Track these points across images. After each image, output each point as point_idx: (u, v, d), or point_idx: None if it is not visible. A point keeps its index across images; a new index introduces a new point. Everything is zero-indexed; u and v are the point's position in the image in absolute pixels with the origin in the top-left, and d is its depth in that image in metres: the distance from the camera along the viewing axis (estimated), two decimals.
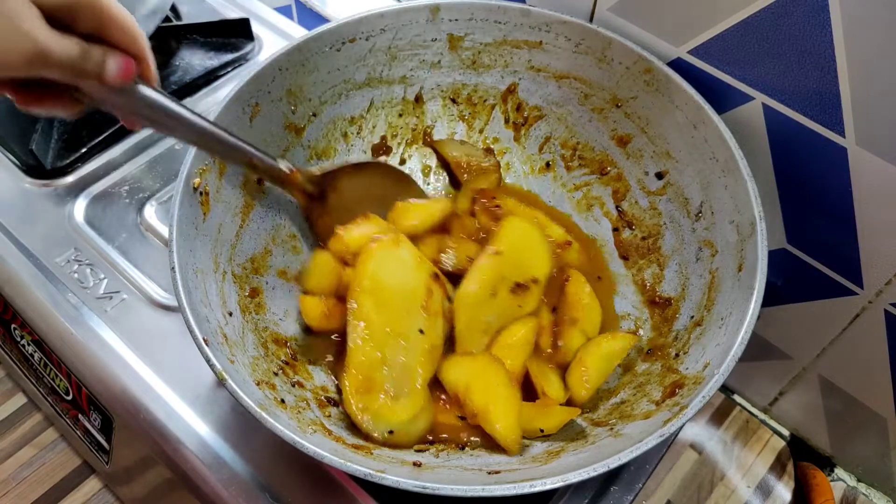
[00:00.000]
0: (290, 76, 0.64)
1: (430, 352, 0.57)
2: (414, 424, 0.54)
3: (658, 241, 0.65)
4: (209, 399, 0.62)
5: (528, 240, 0.62)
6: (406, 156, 0.74)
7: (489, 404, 0.54)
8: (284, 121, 0.65)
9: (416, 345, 0.56)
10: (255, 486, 0.57)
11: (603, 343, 0.60)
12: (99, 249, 0.71)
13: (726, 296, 0.54)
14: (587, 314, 0.62)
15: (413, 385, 0.55)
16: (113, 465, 0.70)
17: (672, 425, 0.45)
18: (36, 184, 0.77)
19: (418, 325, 0.57)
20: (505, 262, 0.60)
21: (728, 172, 0.56)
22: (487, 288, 0.59)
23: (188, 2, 0.96)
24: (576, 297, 0.63)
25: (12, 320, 0.72)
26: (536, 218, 0.68)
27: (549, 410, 0.56)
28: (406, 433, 0.54)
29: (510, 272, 0.60)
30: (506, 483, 0.43)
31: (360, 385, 0.54)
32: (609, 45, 0.63)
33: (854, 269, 0.58)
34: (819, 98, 0.52)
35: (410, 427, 0.54)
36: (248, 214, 0.62)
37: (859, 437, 0.68)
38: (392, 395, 0.54)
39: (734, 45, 0.56)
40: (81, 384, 0.66)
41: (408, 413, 0.54)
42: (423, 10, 0.66)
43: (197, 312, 0.50)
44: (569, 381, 0.59)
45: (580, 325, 0.61)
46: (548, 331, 0.62)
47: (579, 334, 0.61)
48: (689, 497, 0.68)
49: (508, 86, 0.71)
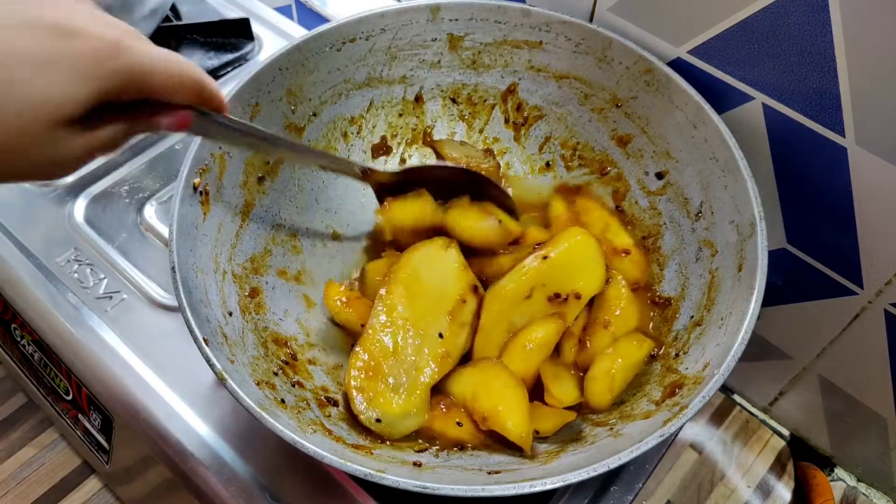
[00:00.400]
0: (290, 76, 0.64)
1: (442, 358, 0.57)
2: (403, 421, 0.54)
3: (658, 241, 0.65)
4: (209, 399, 0.62)
5: (584, 253, 0.60)
6: (406, 156, 0.74)
7: (497, 405, 0.54)
8: (284, 121, 0.65)
9: (431, 347, 0.56)
10: (255, 486, 0.57)
11: (631, 352, 0.57)
12: (99, 249, 0.71)
13: (726, 296, 0.54)
14: (622, 319, 0.60)
15: (415, 383, 0.55)
16: (113, 465, 0.70)
17: (672, 425, 0.45)
18: (36, 184, 0.77)
19: (440, 329, 0.57)
20: (551, 268, 0.59)
21: (728, 172, 0.56)
22: (524, 289, 0.59)
23: (188, 2, 0.96)
24: (615, 301, 0.61)
25: (12, 320, 0.72)
26: (607, 223, 0.66)
27: (546, 412, 0.56)
28: (393, 426, 0.54)
29: (553, 280, 0.59)
30: (506, 483, 0.43)
31: (366, 366, 0.55)
32: (609, 45, 0.63)
33: (854, 269, 0.58)
34: (819, 98, 0.52)
35: (399, 422, 0.54)
36: (248, 214, 0.62)
37: (859, 437, 0.68)
38: (392, 385, 0.54)
39: (734, 45, 0.56)
40: (81, 384, 0.66)
41: (402, 408, 0.54)
42: (423, 10, 0.66)
43: (197, 312, 0.50)
44: (591, 387, 0.56)
45: (612, 328, 0.60)
46: (575, 337, 0.60)
47: (609, 338, 0.59)
48: (689, 497, 0.68)
49: (508, 86, 0.71)
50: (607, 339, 0.59)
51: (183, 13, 0.95)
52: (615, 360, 0.56)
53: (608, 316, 0.60)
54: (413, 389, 0.55)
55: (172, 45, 0.89)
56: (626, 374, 0.57)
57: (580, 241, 0.60)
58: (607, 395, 0.55)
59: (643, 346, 0.58)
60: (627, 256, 0.64)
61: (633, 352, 0.57)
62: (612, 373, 0.56)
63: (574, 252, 0.60)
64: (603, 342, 0.59)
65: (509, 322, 0.59)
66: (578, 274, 0.60)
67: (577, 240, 0.61)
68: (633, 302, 0.61)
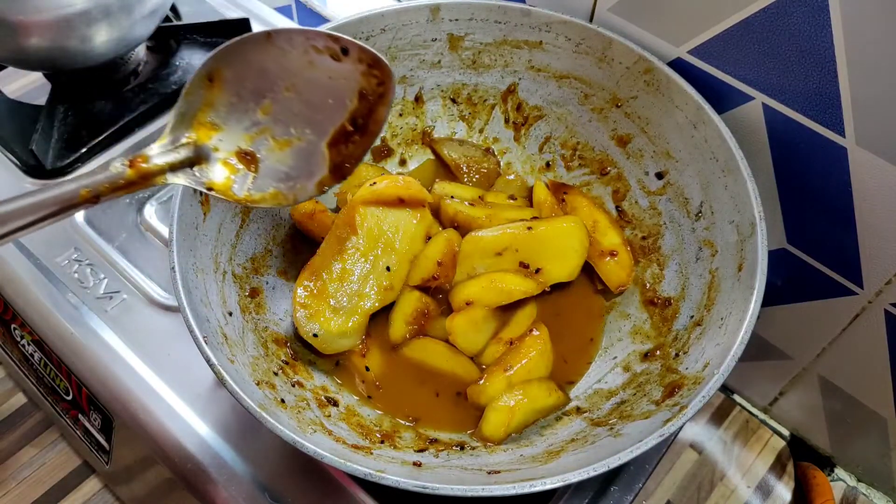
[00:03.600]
0: None
1: (386, 290, 0.60)
2: (339, 340, 0.58)
3: (658, 241, 0.65)
4: (209, 399, 0.62)
5: (568, 238, 0.61)
6: (407, 156, 0.74)
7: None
8: None
9: (378, 278, 0.59)
10: (255, 486, 0.57)
11: (539, 397, 0.57)
12: (99, 249, 0.71)
13: (726, 296, 0.54)
14: (525, 368, 0.59)
15: (355, 308, 0.59)
16: (113, 465, 0.70)
17: (672, 425, 0.45)
18: (36, 184, 0.76)
19: (388, 263, 0.59)
20: (531, 238, 0.61)
21: (728, 172, 0.56)
22: (499, 245, 0.61)
23: (188, 2, 0.96)
24: (526, 350, 0.59)
25: (12, 320, 0.72)
26: (597, 220, 0.66)
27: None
28: (328, 343, 0.58)
29: (528, 249, 0.61)
30: (506, 483, 0.43)
31: (314, 285, 0.58)
32: (609, 45, 0.63)
33: (854, 269, 0.58)
34: (819, 98, 0.52)
35: (335, 340, 0.58)
36: (248, 214, 0.62)
37: (859, 437, 0.68)
38: (333, 307, 0.58)
39: (734, 45, 0.56)
40: (81, 384, 0.66)
41: (339, 328, 0.58)
42: (423, 10, 0.66)
43: (197, 312, 0.50)
44: (490, 416, 0.56)
45: (510, 376, 0.58)
46: (503, 342, 0.61)
47: (503, 382, 0.58)
48: (688, 497, 0.68)
49: (508, 86, 0.71)
50: (502, 384, 0.58)
51: (183, 13, 0.95)
52: (521, 399, 0.56)
53: (513, 363, 0.59)
54: (352, 313, 0.58)
55: (172, 45, 0.89)
56: (528, 416, 0.56)
57: (569, 227, 0.62)
58: (502, 428, 0.55)
59: (552, 396, 0.57)
60: (613, 258, 0.64)
61: (541, 397, 0.57)
62: (513, 409, 0.56)
63: (559, 233, 0.61)
64: (497, 385, 0.58)
65: (472, 267, 0.61)
66: (554, 255, 0.61)
67: (567, 225, 0.62)
68: (544, 356, 0.60)
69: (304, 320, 0.57)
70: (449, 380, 0.60)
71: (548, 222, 0.62)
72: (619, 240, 0.65)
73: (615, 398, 0.57)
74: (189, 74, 0.86)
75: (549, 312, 0.64)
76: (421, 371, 0.61)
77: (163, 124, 0.82)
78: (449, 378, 0.60)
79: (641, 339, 0.61)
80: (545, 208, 0.67)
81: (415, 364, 0.61)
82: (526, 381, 0.58)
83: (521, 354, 0.59)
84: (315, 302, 0.58)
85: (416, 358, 0.61)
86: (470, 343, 0.60)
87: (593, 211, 0.67)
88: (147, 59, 0.88)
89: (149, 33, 0.80)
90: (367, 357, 0.60)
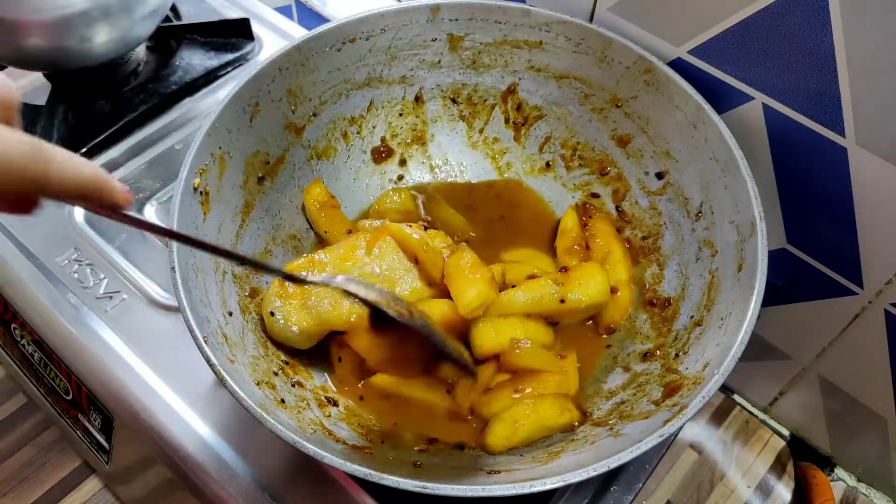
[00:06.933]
0: (290, 76, 0.64)
1: (346, 320, 0.58)
2: (290, 329, 0.57)
3: (658, 241, 0.65)
4: (209, 399, 0.62)
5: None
6: (407, 156, 0.74)
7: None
8: (284, 121, 0.65)
9: (343, 307, 0.58)
10: (255, 486, 0.57)
11: (550, 415, 0.55)
12: (99, 249, 0.71)
13: (726, 296, 0.54)
14: (526, 404, 0.57)
15: (322, 318, 0.57)
16: (113, 465, 0.70)
17: (672, 425, 0.45)
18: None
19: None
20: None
21: (728, 172, 0.56)
22: (527, 307, 0.60)
23: (188, 2, 0.96)
24: (532, 380, 0.58)
25: (12, 320, 0.72)
26: (611, 250, 0.66)
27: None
28: (279, 328, 0.57)
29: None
30: (506, 483, 0.43)
31: (286, 288, 0.58)
32: (609, 45, 0.63)
33: (854, 269, 0.58)
34: (819, 98, 0.52)
35: (286, 329, 0.57)
36: (248, 214, 0.62)
37: (859, 437, 0.68)
38: (307, 304, 0.57)
39: (734, 45, 0.56)
40: (81, 384, 0.66)
41: (297, 321, 0.57)
42: (423, 10, 0.66)
43: (197, 312, 0.50)
44: (493, 427, 0.55)
45: (516, 395, 0.57)
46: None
47: (507, 396, 0.57)
48: (688, 497, 0.69)
49: (508, 86, 0.71)
50: (505, 399, 0.57)
51: (183, 13, 0.95)
52: (528, 415, 0.55)
53: (524, 385, 0.58)
54: (317, 320, 0.57)
55: (172, 45, 0.89)
56: (533, 432, 0.55)
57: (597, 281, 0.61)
58: (503, 441, 0.54)
59: (565, 414, 0.55)
60: (612, 296, 0.63)
61: (552, 415, 0.55)
62: (517, 424, 0.54)
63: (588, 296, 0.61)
64: (501, 401, 0.57)
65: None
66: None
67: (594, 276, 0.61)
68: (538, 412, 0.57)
69: (273, 297, 0.58)
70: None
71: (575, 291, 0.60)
72: (626, 276, 0.64)
73: (615, 398, 0.57)
74: (189, 74, 0.86)
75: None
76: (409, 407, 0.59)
77: (163, 124, 0.82)
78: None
79: (641, 339, 0.61)
80: (568, 240, 0.67)
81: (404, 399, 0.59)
82: (539, 395, 0.56)
83: (528, 381, 0.58)
84: (294, 292, 0.58)
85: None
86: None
87: (610, 240, 0.66)
88: (147, 59, 0.88)
89: (149, 33, 0.80)
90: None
